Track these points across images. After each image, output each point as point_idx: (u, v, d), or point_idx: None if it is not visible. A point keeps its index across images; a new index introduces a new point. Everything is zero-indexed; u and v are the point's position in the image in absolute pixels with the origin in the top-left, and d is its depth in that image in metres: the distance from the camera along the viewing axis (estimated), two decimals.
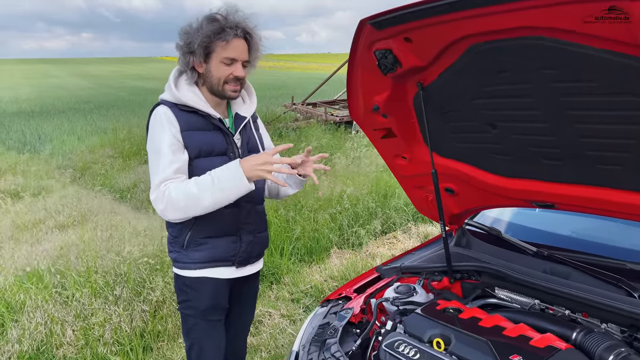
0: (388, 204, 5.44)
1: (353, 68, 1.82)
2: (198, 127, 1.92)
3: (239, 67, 1.89)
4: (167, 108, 1.88)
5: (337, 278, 4.13)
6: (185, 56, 1.87)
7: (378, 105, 1.93)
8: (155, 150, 1.86)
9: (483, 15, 1.34)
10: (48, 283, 3.40)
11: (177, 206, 1.79)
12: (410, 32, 1.54)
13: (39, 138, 11.57)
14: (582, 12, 1.18)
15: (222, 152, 1.96)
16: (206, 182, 1.80)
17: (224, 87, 1.90)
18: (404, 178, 2.28)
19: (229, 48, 1.84)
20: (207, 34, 1.80)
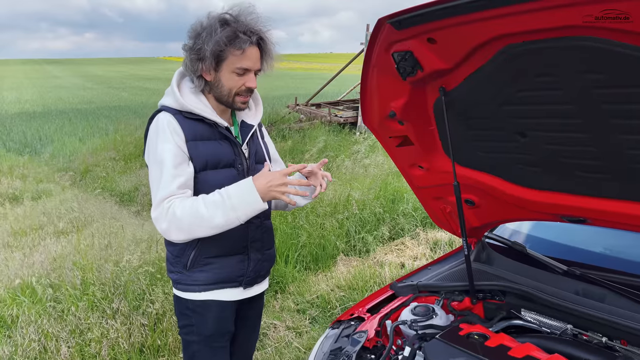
0: (396, 209, 5.29)
1: (368, 71, 1.66)
2: (204, 136, 1.76)
3: (251, 78, 1.74)
4: (170, 115, 1.71)
5: (344, 288, 3.98)
6: (194, 63, 1.69)
7: (394, 111, 1.77)
8: (158, 162, 1.68)
9: (522, 13, 1.18)
10: (42, 296, 3.25)
11: (181, 225, 1.63)
12: (434, 32, 1.38)
13: (40, 140, 11.45)
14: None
15: (230, 164, 1.80)
16: (216, 200, 1.65)
17: (234, 98, 1.75)
18: (421, 189, 2.13)
19: (244, 57, 1.68)
20: (219, 40, 1.62)
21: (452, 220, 2.21)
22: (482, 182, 1.90)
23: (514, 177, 1.79)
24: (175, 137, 1.69)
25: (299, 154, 8.33)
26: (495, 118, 1.60)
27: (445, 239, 4.83)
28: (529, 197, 1.79)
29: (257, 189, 1.64)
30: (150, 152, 1.72)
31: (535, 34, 1.22)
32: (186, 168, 1.70)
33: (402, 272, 4.23)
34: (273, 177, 1.66)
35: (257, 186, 1.64)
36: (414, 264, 4.38)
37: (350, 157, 7.91)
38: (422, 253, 4.58)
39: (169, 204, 1.64)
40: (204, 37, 1.63)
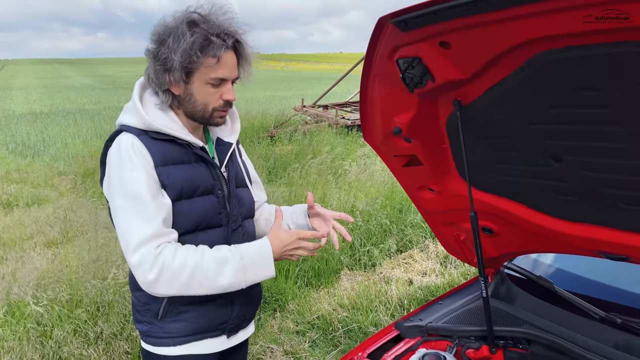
0: (403, 219, 5.00)
1: (368, 80, 1.39)
2: (176, 159, 1.46)
3: (229, 89, 1.46)
4: (133, 137, 1.41)
5: (348, 307, 3.70)
6: (159, 75, 1.39)
7: (400, 127, 1.50)
8: (129, 195, 1.37)
9: (562, 10, 0.90)
10: (27, 317, 3.01)
11: (178, 279, 1.35)
12: (448, 34, 1.11)
13: (44, 141, 11.28)
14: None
15: (208, 190, 1.51)
16: (225, 257, 1.41)
17: (212, 114, 1.47)
18: (431, 214, 1.85)
19: (219, 66, 1.40)
20: (189, 47, 1.33)
21: (467, 248, 1.93)
22: (502, 209, 1.62)
23: (541, 205, 1.51)
24: (144, 163, 1.39)
25: (303, 157, 8.04)
26: (521, 138, 1.32)
27: None
28: (559, 229, 1.51)
29: (274, 251, 1.47)
30: (115, 184, 1.40)
31: (576, 38, 0.94)
32: (163, 200, 1.41)
33: (410, 289, 3.95)
34: (290, 240, 1.49)
35: (274, 248, 1.47)
36: (422, 280, 4.10)
37: (356, 162, 7.62)
38: (431, 268, 4.29)
39: (159, 249, 1.35)
40: (170, 43, 1.35)
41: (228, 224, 1.54)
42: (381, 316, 3.54)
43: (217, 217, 1.52)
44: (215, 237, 1.51)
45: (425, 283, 4.05)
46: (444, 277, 4.15)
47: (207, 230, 1.50)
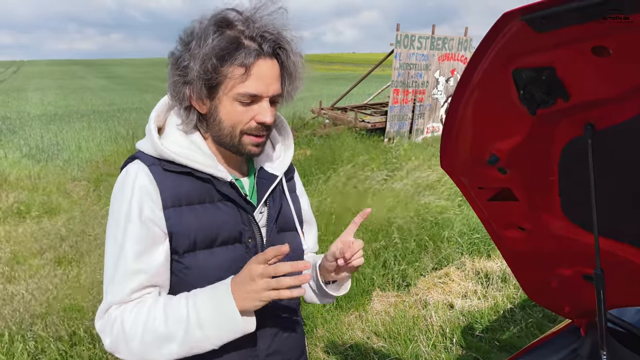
0: (439, 234, 4.64)
1: (464, 94, 1.06)
2: (193, 199, 1.15)
3: (264, 108, 1.12)
4: (143, 167, 1.13)
5: (384, 336, 3.36)
6: (178, 87, 1.10)
7: (498, 155, 1.17)
8: (113, 241, 1.11)
9: None
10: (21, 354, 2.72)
11: (130, 344, 1.07)
12: (610, 36, 0.77)
13: (57, 144, 11.08)
14: None
15: (234, 239, 1.18)
16: (179, 314, 1.07)
17: (241, 139, 1.14)
18: (515, 254, 1.52)
19: (250, 77, 1.07)
20: (211, 52, 1.04)
21: (558, 296, 1.59)
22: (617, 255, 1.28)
23: None
24: (145, 205, 1.10)
25: (324, 164, 7.71)
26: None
27: (497, 271, 4.18)
28: None
29: (235, 298, 1.05)
30: (109, 221, 1.15)
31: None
32: (153, 255, 1.11)
33: (451, 315, 3.60)
34: (250, 273, 1.04)
35: (235, 295, 1.06)
36: (464, 304, 3.74)
37: (380, 168, 7.28)
38: (472, 290, 3.94)
39: (118, 312, 1.09)
40: (193, 47, 1.05)
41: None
42: (422, 347, 3.20)
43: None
44: None
45: (467, 307, 3.69)
46: (487, 300, 3.80)
47: None
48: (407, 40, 9.78)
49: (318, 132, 10.54)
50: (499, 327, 3.45)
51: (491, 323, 3.50)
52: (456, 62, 10.89)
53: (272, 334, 1.26)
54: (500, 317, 3.58)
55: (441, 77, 10.78)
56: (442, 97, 11.02)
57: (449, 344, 3.24)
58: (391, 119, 10.26)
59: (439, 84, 10.82)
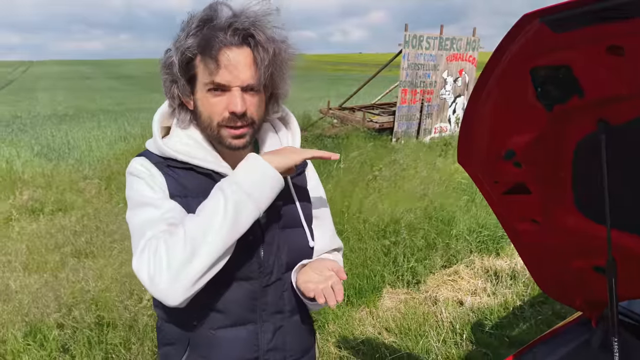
0: (448, 232, 4.69)
1: (483, 91, 1.11)
2: (195, 192, 1.16)
3: (234, 96, 1.08)
4: (148, 161, 1.18)
5: (394, 331, 3.42)
6: (167, 85, 1.15)
7: (514, 150, 1.22)
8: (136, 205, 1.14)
9: None
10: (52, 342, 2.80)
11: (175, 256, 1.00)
12: (626, 36, 0.82)
13: (68, 143, 11.20)
14: None
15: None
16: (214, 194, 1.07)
17: (219, 132, 1.14)
18: (528, 247, 1.57)
19: (217, 67, 1.06)
20: (188, 46, 1.06)
21: (569, 288, 1.64)
22: (632, 248, 1.33)
23: None
24: (155, 181, 1.15)
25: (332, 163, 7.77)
26: None
27: (506, 269, 4.22)
28: None
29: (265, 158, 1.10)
30: (129, 205, 1.17)
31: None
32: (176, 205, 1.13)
33: (461, 311, 3.65)
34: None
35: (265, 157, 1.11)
36: (474, 301, 3.79)
37: (388, 167, 7.33)
38: (481, 287, 3.99)
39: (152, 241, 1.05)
40: (176, 43, 1.09)
41: (260, 276, 1.20)
42: (432, 342, 3.25)
43: (247, 268, 1.18)
44: (242, 295, 1.19)
45: (477, 304, 3.74)
46: (496, 298, 3.84)
47: (233, 283, 1.18)
48: (416, 40, 9.82)
49: (327, 132, 10.61)
50: (508, 324, 3.49)
51: (501, 320, 3.54)
52: (464, 62, 10.91)
53: (274, 329, 1.25)
54: (510, 314, 3.62)
55: (449, 77, 10.80)
56: (450, 97, 11.04)
57: (459, 340, 3.29)
58: (399, 119, 10.30)
59: (447, 84, 10.84)
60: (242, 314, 1.21)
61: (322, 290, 1.08)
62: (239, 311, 1.20)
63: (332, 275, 1.12)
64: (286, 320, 1.27)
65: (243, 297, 1.19)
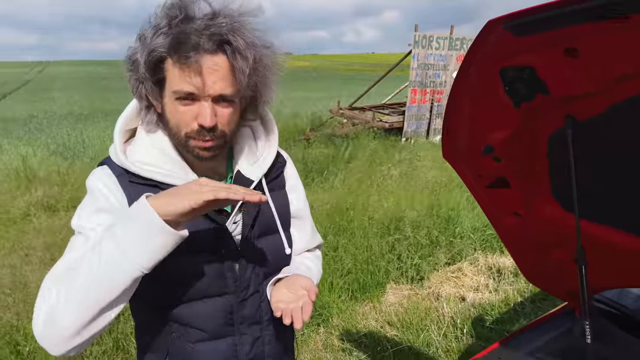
0: (451, 229, 4.76)
1: (461, 91, 1.21)
2: None
3: (204, 108, 0.98)
4: (110, 174, 1.05)
5: (396, 325, 3.50)
6: (133, 84, 1.03)
7: (492, 145, 1.31)
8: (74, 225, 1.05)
9: None
10: None
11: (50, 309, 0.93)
12: (579, 39, 0.91)
13: (83, 142, 11.42)
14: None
15: (207, 248, 1.10)
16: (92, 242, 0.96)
17: (187, 142, 1.04)
18: (513, 239, 1.65)
19: (187, 74, 0.95)
20: (155, 46, 0.95)
21: (554, 279, 1.71)
22: (605, 239, 1.41)
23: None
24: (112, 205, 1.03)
25: (341, 161, 7.88)
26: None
27: (509, 267, 4.28)
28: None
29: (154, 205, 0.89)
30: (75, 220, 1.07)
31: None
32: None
33: (462, 306, 3.72)
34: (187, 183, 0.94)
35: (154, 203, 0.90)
36: (475, 297, 3.86)
37: (396, 166, 7.40)
38: (484, 284, 4.05)
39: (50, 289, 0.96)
40: (143, 40, 0.98)
41: (236, 291, 1.14)
42: (433, 336, 3.33)
43: (220, 282, 1.12)
44: (217, 310, 1.13)
45: (479, 300, 3.81)
46: (497, 294, 3.91)
47: (205, 299, 1.12)
48: (425, 40, 9.88)
49: (336, 132, 10.69)
50: (509, 319, 3.56)
51: (501, 315, 3.61)
52: None
53: (252, 340, 1.21)
54: (511, 310, 3.68)
55: None
56: None
57: (460, 334, 3.36)
58: (409, 119, 10.36)
59: None
60: (219, 329, 1.16)
61: (291, 311, 1.03)
62: (216, 326, 1.15)
63: (304, 295, 1.05)
64: (264, 330, 1.22)
65: (219, 312, 1.14)
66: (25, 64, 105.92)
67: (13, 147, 9.67)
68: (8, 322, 3.28)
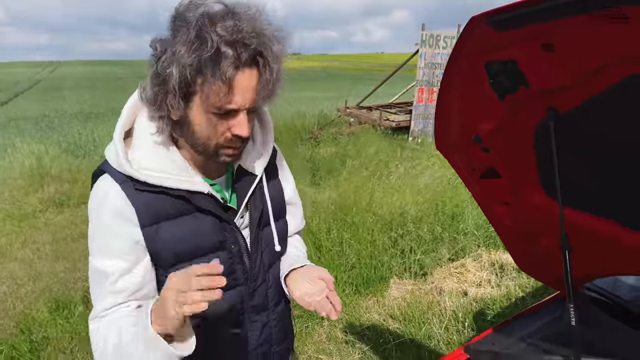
0: (456, 226, 4.81)
1: (450, 84, 1.27)
2: (169, 214, 1.10)
3: (241, 120, 1.02)
4: (114, 185, 1.06)
5: (399, 318, 3.57)
6: (158, 94, 1.00)
7: (480, 136, 1.37)
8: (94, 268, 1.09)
9: None
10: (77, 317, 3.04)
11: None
12: (554, 34, 0.97)
13: (94, 141, 11.57)
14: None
15: (217, 247, 1.15)
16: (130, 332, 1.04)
17: (217, 151, 1.07)
18: (505, 228, 1.71)
19: (229, 91, 0.97)
20: (192, 61, 0.92)
21: (544, 267, 1.77)
22: (589, 226, 1.47)
23: (635, 222, 1.35)
24: (123, 227, 1.06)
25: (348, 160, 7.94)
26: (619, 153, 1.17)
27: (512, 263, 4.32)
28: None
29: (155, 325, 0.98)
30: (90, 233, 1.11)
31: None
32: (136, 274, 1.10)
33: (464, 301, 3.78)
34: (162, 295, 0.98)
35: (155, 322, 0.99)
36: (477, 291, 3.91)
37: (402, 164, 7.45)
38: (486, 279, 4.10)
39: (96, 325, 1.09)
40: (178, 51, 0.93)
41: (247, 282, 1.22)
42: (434, 329, 3.39)
43: (230, 276, 1.18)
44: (230, 301, 1.20)
45: (480, 295, 3.86)
46: (499, 289, 3.96)
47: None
48: (432, 40, 9.91)
49: (344, 131, 10.76)
50: (510, 313, 3.60)
51: (503, 309, 3.66)
52: None
53: (261, 326, 1.29)
54: (512, 304, 3.73)
55: None
56: None
57: (461, 327, 3.42)
58: (416, 118, 10.40)
59: None
60: (231, 318, 1.22)
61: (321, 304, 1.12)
62: (228, 317, 1.20)
63: (324, 287, 1.15)
64: (271, 315, 1.30)
65: (231, 304, 1.20)
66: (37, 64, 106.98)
67: (25, 144, 9.83)
68: (22, 311, 3.39)
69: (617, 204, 1.32)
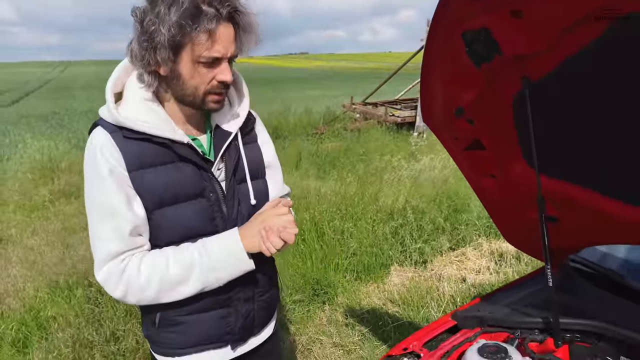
0: (458, 218, 4.87)
1: (431, 56, 1.34)
2: (154, 161, 1.24)
3: (225, 68, 1.21)
4: (105, 134, 1.20)
5: (398, 302, 3.64)
6: (145, 52, 1.14)
7: (463, 107, 1.45)
8: (97, 206, 1.22)
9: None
10: (81, 297, 3.15)
11: (144, 293, 1.24)
12: (521, 1, 1.05)
13: None
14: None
15: (197, 194, 1.29)
16: (191, 259, 1.25)
17: (204, 98, 1.23)
18: (492, 202, 1.78)
19: (213, 42, 1.15)
20: (178, 17, 1.09)
21: (530, 238, 1.84)
22: (571, 196, 1.53)
23: (615, 191, 1.41)
24: (115, 169, 1.20)
25: (352, 154, 8.03)
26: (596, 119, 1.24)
27: (512, 251, 4.38)
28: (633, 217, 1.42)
29: (245, 243, 1.26)
30: (86, 190, 1.25)
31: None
32: (136, 209, 1.23)
33: (462, 286, 3.85)
34: (264, 220, 1.26)
35: (245, 239, 1.26)
36: (476, 278, 3.98)
37: (406, 159, 7.52)
38: (485, 266, 4.16)
39: (123, 265, 1.23)
40: (162, 12, 1.10)
41: (225, 228, 1.33)
42: (433, 312, 3.46)
43: (211, 223, 1.32)
44: None
45: (479, 280, 3.93)
46: (498, 275, 4.02)
47: (198, 239, 1.30)
48: None
49: (349, 127, 10.85)
50: None
51: None
52: None
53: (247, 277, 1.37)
54: None
55: None
56: None
57: None
58: (421, 113, 10.46)
59: None
60: None
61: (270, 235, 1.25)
62: None
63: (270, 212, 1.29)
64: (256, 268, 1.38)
65: None
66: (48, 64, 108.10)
67: (36, 140, 10.01)
68: (31, 294, 3.51)
69: (597, 172, 1.38)
